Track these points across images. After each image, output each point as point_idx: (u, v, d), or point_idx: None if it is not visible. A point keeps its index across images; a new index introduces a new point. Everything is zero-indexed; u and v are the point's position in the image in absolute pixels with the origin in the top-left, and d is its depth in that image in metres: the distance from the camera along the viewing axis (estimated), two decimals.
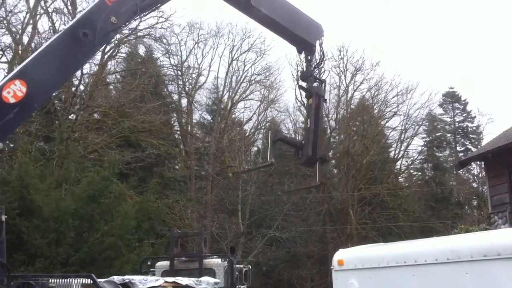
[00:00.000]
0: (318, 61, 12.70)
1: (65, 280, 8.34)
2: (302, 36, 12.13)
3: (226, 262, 13.91)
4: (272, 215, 35.41)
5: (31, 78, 7.76)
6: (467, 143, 57.75)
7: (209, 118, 44.58)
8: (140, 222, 21.89)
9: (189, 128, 40.89)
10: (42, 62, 8.08)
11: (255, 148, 46.15)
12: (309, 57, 12.60)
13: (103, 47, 20.02)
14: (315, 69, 12.64)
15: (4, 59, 27.16)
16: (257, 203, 36.32)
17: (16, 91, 7.58)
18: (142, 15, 10.16)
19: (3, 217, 7.65)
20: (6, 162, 20.41)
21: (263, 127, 44.49)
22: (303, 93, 13.23)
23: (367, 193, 41.32)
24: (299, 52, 13.07)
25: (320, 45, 12.58)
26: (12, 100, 7.54)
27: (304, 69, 12.74)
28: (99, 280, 8.23)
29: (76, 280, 8.33)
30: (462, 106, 58.35)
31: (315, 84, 12.54)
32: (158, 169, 34.54)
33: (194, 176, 37.17)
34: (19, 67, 8.10)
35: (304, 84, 12.77)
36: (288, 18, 11.87)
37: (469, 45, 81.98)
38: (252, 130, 43.32)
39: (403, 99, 45.23)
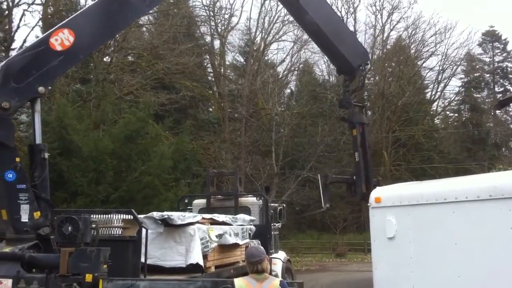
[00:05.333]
0: (357, 87, 12.32)
1: (107, 216, 8.53)
2: (345, 54, 11.62)
3: (261, 200, 14.08)
4: (306, 156, 35.51)
5: (79, 30, 7.96)
6: (506, 84, 56.23)
7: (242, 60, 44.23)
8: (176, 162, 22.21)
9: (222, 70, 40.67)
10: (93, 16, 8.28)
11: (288, 90, 45.86)
12: (347, 82, 12.25)
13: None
14: (353, 94, 12.30)
15: (38, 1, 27.17)
16: (290, 145, 36.43)
17: (63, 39, 7.78)
18: None
19: (46, 154, 7.86)
20: (44, 103, 20.73)
21: (296, 69, 43.99)
22: None
23: (401, 134, 40.92)
24: (339, 73, 12.71)
25: (363, 70, 12.20)
26: (59, 48, 7.75)
27: (342, 95, 12.46)
28: (139, 216, 8.38)
29: (117, 215, 8.51)
30: (502, 46, 56.49)
31: (355, 111, 12.21)
32: (192, 111, 34.83)
33: (227, 118, 37.32)
34: (70, 17, 8.27)
35: (343, 113, 12.57)
36: (334, 31, 11.41)
37: None
38: (285, 72, 42.83)
39: (441, 38, 43.97)
